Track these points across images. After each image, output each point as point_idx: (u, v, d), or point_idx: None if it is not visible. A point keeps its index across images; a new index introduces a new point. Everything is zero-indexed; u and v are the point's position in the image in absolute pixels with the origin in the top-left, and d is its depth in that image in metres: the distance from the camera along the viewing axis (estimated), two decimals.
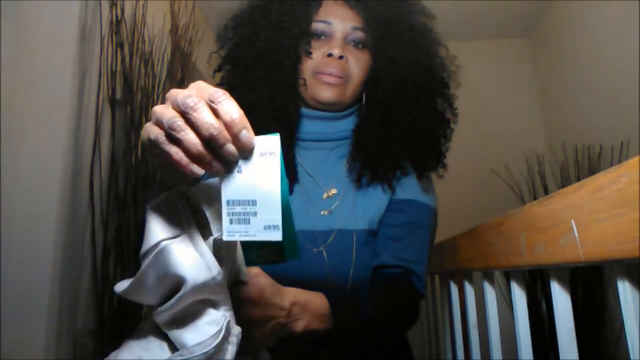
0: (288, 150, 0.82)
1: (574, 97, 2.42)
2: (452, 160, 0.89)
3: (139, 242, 0.70)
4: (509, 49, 2.94)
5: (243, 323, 0.46)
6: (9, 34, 1.28)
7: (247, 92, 0.82)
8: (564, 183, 2.31)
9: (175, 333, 0.42)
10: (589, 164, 2.15)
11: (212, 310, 0.43)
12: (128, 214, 1.41)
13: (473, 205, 2.52)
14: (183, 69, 1.71)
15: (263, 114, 0.79)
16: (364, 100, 0.86)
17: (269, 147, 0.41)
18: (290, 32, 0.82)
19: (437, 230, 0.87)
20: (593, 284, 1.95)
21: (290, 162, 0.81)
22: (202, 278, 0.40)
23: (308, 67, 0.83)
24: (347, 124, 0.86)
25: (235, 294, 0.50)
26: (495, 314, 0.87)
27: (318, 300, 0.62)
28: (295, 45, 0.83)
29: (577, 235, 0.49)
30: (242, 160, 0.41)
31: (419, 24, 0.88)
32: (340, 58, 0.81)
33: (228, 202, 0.40)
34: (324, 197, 0.81)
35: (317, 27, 0.84)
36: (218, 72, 0.91)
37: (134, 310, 1.38)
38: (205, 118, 0.38)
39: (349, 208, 0.80)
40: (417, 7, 0.90)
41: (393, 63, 0.82)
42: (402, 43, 0.83)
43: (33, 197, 1.27)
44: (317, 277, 0.73)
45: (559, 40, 2.55)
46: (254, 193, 0.40)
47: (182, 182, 0.45)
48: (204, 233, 0.44)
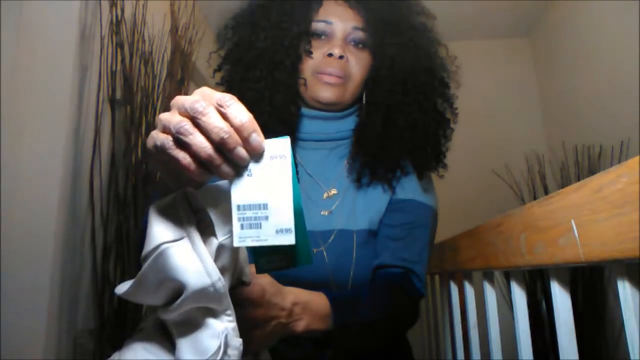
0: None
1: (574, 97, 2.42)
2: (452, 160, 0.89)
3: (140, 242, 0.70)
4: (509, 49, 2.94)
5: (244, 323, 0.46)
6: (9, 34, 1.28)
7: (247, 91, 0.82)
8: (564, 183, 2.31)
9: (177, 341, 0.42)
10: (589, 164, 2.15)
11: (212, 321, 0.42)
12: (128, 214, 1.41)
13: (473, 205, 2.53)
14: (183, 69, 1.71)
15: (263, 114, 0.79)
16: (364, 100, 0.86)
17: (280, 150, 0.41)
18: (291, 31, 0.82)
19: (437, 230, 0.87)
20: (593, 284, 1.95)
21: None
22: (200, 284, 0.40)
23: (308, 66, 0.83)
24: (347, 124, 0.86)
25: (237, 295, 0.50)
26: (495, 314, 0.87)
27: (319, 300, 0.62)
28: (296, 45, 0.83)
29: (577, 235, 0.49)
30: (252, 164, 0.40)
31: (419, 24, 0.88)
32: (341, 58, 0.81)
33: (239, 206, 0.40)
34: (324, 197, 0.81)
35: (317, 26, 0.84)
36: (218, 72, 0.91)
37: (134, 310, 1.38)
38: (215, 122, 0.38)
39: (349, 208, 0.80)
40: (417, 7, 0.90)
41: (393, 63, 0.82)
42: (402, 43, 0.83)
43: (33, 197, 1.27)
44: (317, 277, 0.73)
45: (559, 40, 2.55)
46: (265, 196, 0.40)
47: (188, 186, 0.45)
48: (205, 236, 0.43)
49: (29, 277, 1.22)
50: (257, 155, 0.40)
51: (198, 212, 0.44)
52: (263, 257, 0.45)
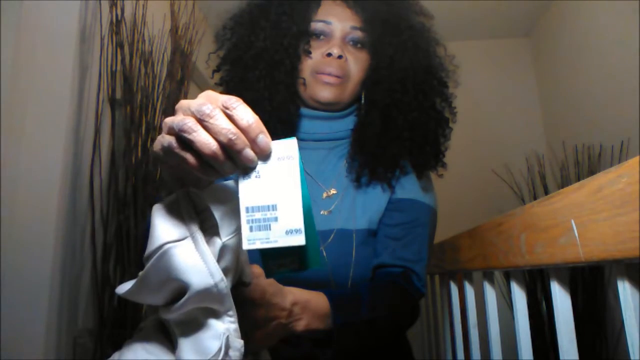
0: None
1: (574, 97, 2.42)
2: (452, 160, 0.89)
3: (142, 242, 0.70)
4: (509, 49, 2.94)
5: (245, 324, 0.46)
6: (9, 34, 1.28)
7: (246, 91, 0.82)
8: (564, 183, 2.31)
9: (178, 340, 0.42)
10: (589, 164, 2.15)
11: (213, 322, 0.42)
12: (128, 214, 1.41)
13: (473, 205, 2.53)
14: (183, 69, 1.71)
15: (263, 114, 0.79)
16: (363, 100, 0.86)
17: (287, 151, 0.40)
18: (290, 31, 0.82)
19: (437, 230, 0.87)
20: (593, 284, 1.95)
21: None
22: (204, 284, 0.40)
23: (307, 66, 0.83)
24: (346, 124, 0.86)
25: (238, 295, 0.50)
26: (495, 314, 0.87)
27: (319, 300, 0.62)
28: (295, 45, 0.83)
29: (577, 235, 0.49)
30: (260, 166, 0.40)
31: (418, 24, 0.88)
32: (340, 58, 0.81)
33: (247, 209, 0.39)
34: (324, 197, 0.81)
35: (316, 26, 0.84)
36: (217, 72, 0.91)
37: (134, 310, 1.38)
38: (222, 124, 0.38)
39: (349, 208, 0.80)
40: (415, 7, 0.91)
41: (392, 62, 0.82)
42: (400, 42, 0.83)
43: (33, 197, 1.27)
44: (317, 276, 0.73)
45: (559, 40, 2.56)
46: (274, 198, 0.39)
47: (194, 187, 0.45)
48: (208, 236, 0.43)
49: (29, 277, 1.22)
50: (264, 156, 0.40)
51: (201, 212, 0.44)
52: (272, 260, 0.44)
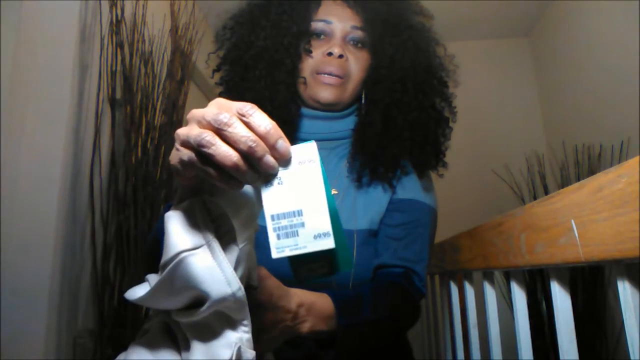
0: None
1: (574, 96, 2.42)
2: (452, 160, 0.89)
3: (149, 247, 0.69)
4: (509, 49, 2.94)
5: (252, 327, 0.46)
6: (9, 34, 1.28)
7: (246, 91, 0.82)
8: (564, 183, 2.31)
9: (191, 343, 0.42)
10: (589, 164, 2.15)
11: (228, 330, 0.42)
12: (128, 214, 1.41)
13: (473, 205, 2.53)
14: (183, 69, 1.71)
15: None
16: (363, 100, 0.86)
17: (307, 155, 0.40)
18: (291, 30, 0.82)
19: (437, 230, 0.87)
20: (593, 284, 1.95)
21: None
22: (221, 294, 0.39)
23: (308, 66, 0.83)
24: (346, 124, 0.86)
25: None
26: (495, 314, 0.87)
27: (323, 301, 0.62)
28: (295, 44, 0.83)
29: (577, 235, 0.49)
30: (281, 172, 0.40)
31: (418, 24, 0.88)
32: (340, 57, 0.81)
33: (272, 217, 0.39)
34: None
35: (316, 26, 0.84)
36: (217, 72, 0.91)
37: (134, 310, 1.38)
38: (242, 132, 0.38)
39: (350, 208, 0.80)
40: (415, 7, 0.91)
41: (392, 62, 0.82)
42: (401, 42, 0.83)
43: (33, 197, 1.27)
44: None
45: (559, 40, 2.56)
46: (299, 203, 0.39)
47: (209, 193, 0.44)
48: (224, 243, 0.43)
49: (29, 277, 1.22)
50: (284, 162, 0.40)
51: (216, 218, 0.43)
52: (303, 266, 0.43)
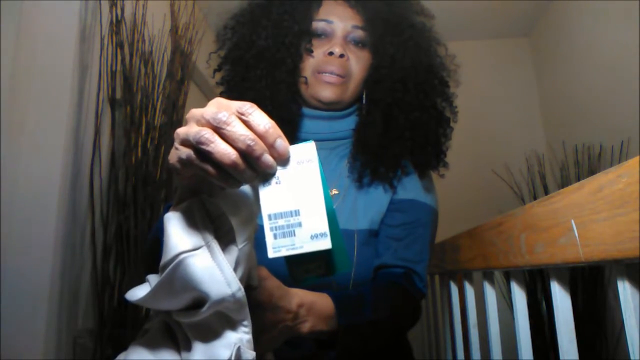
0: None
1: (574, 97, 2.42)
2: (452, 160, 0.89)
3: (149, 248, 0.69)
4: (509, 49, 2.94)
5: (252, 328, 0.46)
6: (9, 34, 1.28)
7: (247, 91, 0.82)
8: (564, 183, 2.31)
9: (192, 343, 0.42)
10: (589, 164, 2.15)
11: (228, 331, 0.42)
12: (128, 214, 1.41)
13: (473, 205, 2.53)
14: (183, 69, 1.71)
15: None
16: (364, 100, 0.86)
17: (306, 154, 0.40)
18: (292, 30, 0.83)
19: (437, 230, 0.87)
20: (593, 284, 1.95)
21: None
22: (221, 294, 0.39)
23: (309, 65, 0.83)
24: (347, 124, 0.86)
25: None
26: (495, 314, 0.87)
27: (323, 302, 0.62)
28: (297, 44, 0.83)
29: (577, 235, 0.49)
30: (279, 171, 0.40)
31: (418, 23, 0.88)
32: (341, 56, 0.82)
33: (270, 216, 0.39)
34: None
35: (317, 26, 0.84)
36: (218, 72, 0.91)
37: (134, 310, 1.38)
38: (240, 130, 0.38)
39: (350, 208, 0.80)
40: (416, 6, 0.91)
41: (393, 61, 0.82)
42: (401, 41, 0.83)
43: (33, 197, 1.27)
44: None
45: (559, 40, 2.56)
46: (296, 203, 0.39)
47: (208, 193, 0.44)
48: (223, 244, 0.43)
49: (29, 277, 1.22)
50: (283, 161, 0.40)
51: (215, 219, 0.43)
52: (299, 266, 0.43)
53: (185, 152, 0.39)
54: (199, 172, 0.39)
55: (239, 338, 0.42)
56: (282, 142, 0.39)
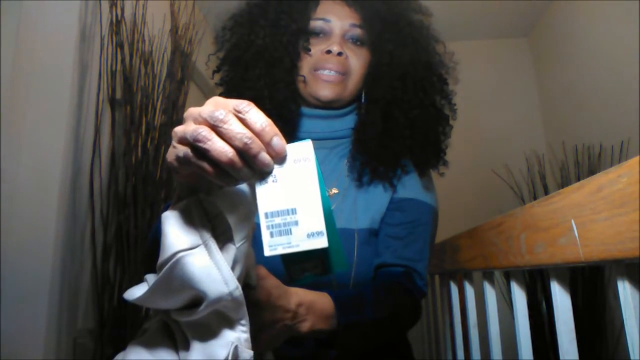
0: None
1: (574, 97, 2.42)
2: (452, 160, 0.89)
3: (149, 248, 0.69)
4: (509, 49, 2.94)
5: (250, 327, 0.46)
6: (9, 34, 1.28)
7: (246, 90, 0.82)
8: (564, 183, 2.31)
9: (190, 342, 0.42)
10: (589, 164, 2.15)
11: (226, 330, 0.42)
12: (128, 214, 1.41)
13: (473, 205, 2.53)
14: (183, 69, 1.71)
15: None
16: (363, 98, 0.86)
17: (303, 153, 0.40)
18: (289, 29, 0.83)
19: (437, 230, 0.87)
20: (593, 284, 1.95)
21: None
22: (219, 293, 0.39)
23: (307, 64, 0.83)
24: (346, 123, 0.86)
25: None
26: (495, 314, 0.87)
27: (323, 301, 0.62)
28: (294, 43, 0.83)
29: (577, 235, 0.49)
30: (276, 170, 0.40)
31: (417, 21, 0.88)
32: (340, 55, 0.82)
33: (266, 214, 0.39)
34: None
35: (315, 24, 0.84)
36: (217, 73, 0.91)
37: (134, 310, 1.37)
38: (237, 128, 0.38)
39: (350, 207, 0.80)
40: (414, 5, 0.91)
41: (392, 59, 0.82)
42: (400, 39, 0.83)
43: (33, 197, 1.27)
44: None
45: (559, 40, 2.56)
46: (293, 201, 0.39)
47: (206, 192, 0.44)
48: (221, 243, 0.43)
49: (29, 277, 1.22)
50: (280, 159, 0.40)
51: (213, 218, 0.43)
52: (295, 265, 0.43)
53: (183, 150, 0.39)
54: (197, 170, 0.39)
55: (237, 337, 0.42)
56: (279, 140, 0.39)
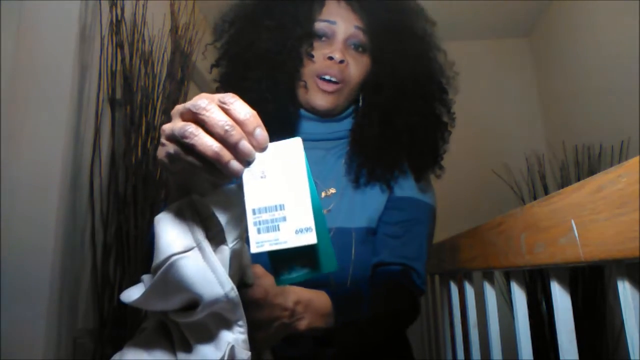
0: None
1: (574, 97, 2.42)
2: (452, 160, 0.89)
3: (148, 249, 0.69)
4: (509, 49, 2.94)
5: (248, 325, 0.46)
6: (9, 34, 1.27)
7: (247, 91, 0.82)
8: (564, 183, 2.31)
9: (192, 345, 0.42)
10: (589, 164, 2.15)
11: (223, 331, 0.42)
12: (128, 214, 1.41)
13: (473, 205, 2.52)
14: (183, 69, 1.71)
15: (263, 115, 0.78)
16: (361, 103, 0.86)
17: (292, 149, 0.40)
18: (294, 33, 0.82)
19: (437, 230, 0.87)
20: (593, 284, 1.95)
21: None
22: (214, 295, 0.39)
23: (309, 69, 0.83)
24: (344, 125, 0.87)
25: (240, 297, 0.50)
26: (495, 314, 0.87)
27: (321, 299, 0.62)
28: (298, 47, 0.83)
29: (577, 235, 0.49)
30: (265, 166, 0.39)
31: (420, 30, 0.88)
32: (341, 62, 0.81)
33: (254, 210, 0.38)
34: (323, 196, 0.81)
35: (319, 26, 0.84)
36: (215, 67, 0.90)
37: (134, 310, 1.37)
38: (218, 116, 0.38)
39: (348, 206, 0.80)
40: (418, 12, 0.90)
41: (393, 70, 0.82)
42: (402, 51, 0.83)
43: (33, 197, 1.27)
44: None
45: (559, 40, 2.55)
46: (281, 197, 0.38)
47: (200, 192, 0.44)
48: (215, 244, 0.42)
49: (29, 277, 1.22)
50: (261, 149, 0.40)
51: (206, 219, 0.43)
52: (283, 264, 0.42)
53: (173, 147, 0.40)
54: (187, 166, 0.40)
55: (235, 338, 0.42)
56: (261, 131, 0.40)
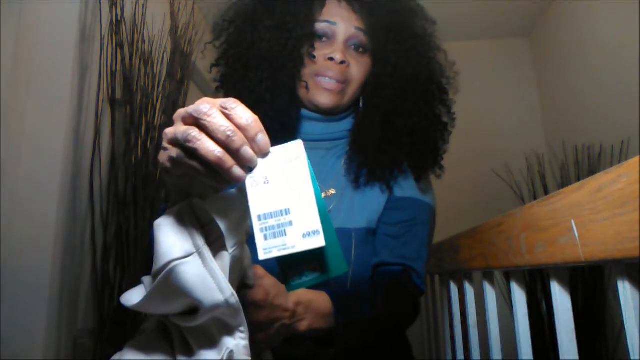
0: None
1: (574, 96, 2.42)
2: (452, 161, 0.89)
3: (149, 252, 0.69)
4: (509, 49, 2.94)
5: (248, 326, 0.46)
6: (9, 34, 1.27)
7: (247, 92, 0.82)
8: (564, 183, 2.31)
9: (193, 348, 0.42)
10: (589, 164, 2.15)
11: (224, 336, 0.41)
12: (128, 214, 1.41)
13: (473, 205, 2.53)
14: (183, 69, 1.71)
15: (264, 116, 0.78)
16: (362, 104, 0.86)
17: (294, 152, 0.40)
18: (295, 33, 0.82)
19: (437, 230, 0.87)
20: (593, 284, 1.95)
21: None
22: (214, 301, 0.39)
23: (309, 70, 0.83)
24: (344, 125, 0.86)
25: (241, 298, 0.50)
26: (495, 314, 0.87)
27: (321, 300, 0.62)
28: (299, 48, 0.83)
29: (577, 235, 0.49)
30: (267, 171, 0.39)
31: (421, 30, 0.88)
32: (342, 63, 0.81)
33: (259, 217, 0.38)
34: (323, 196, 0.81)
35: (320, 27, 0.83)
36: (215, 67, 0.90)
37: (134, 311, 1.37)
38: (220, 122, 0.38)
39: (348, 207, 0.80)
40: (419, 13, 0.90)
41: (394, 70, 0.82)
42: (403, 51, 0.83)
43: (33, 197, 1.27)
44: None
45: (559, 40, 2.55)
46: (286, 202, 0.38)
47: (199, 195, 0.44)
48: (215, 249, 0.42)
49: (29, 277, 1.22)
50: (263, 155, 0.40)
51: (206, 224, 0.43)
52: (293, 269, 0.42)
53: (176, 151, 0.39)
54: (189, 170, 0.40)
55: (236, 344, 0.42)
56: (263, 137, 0.39)
